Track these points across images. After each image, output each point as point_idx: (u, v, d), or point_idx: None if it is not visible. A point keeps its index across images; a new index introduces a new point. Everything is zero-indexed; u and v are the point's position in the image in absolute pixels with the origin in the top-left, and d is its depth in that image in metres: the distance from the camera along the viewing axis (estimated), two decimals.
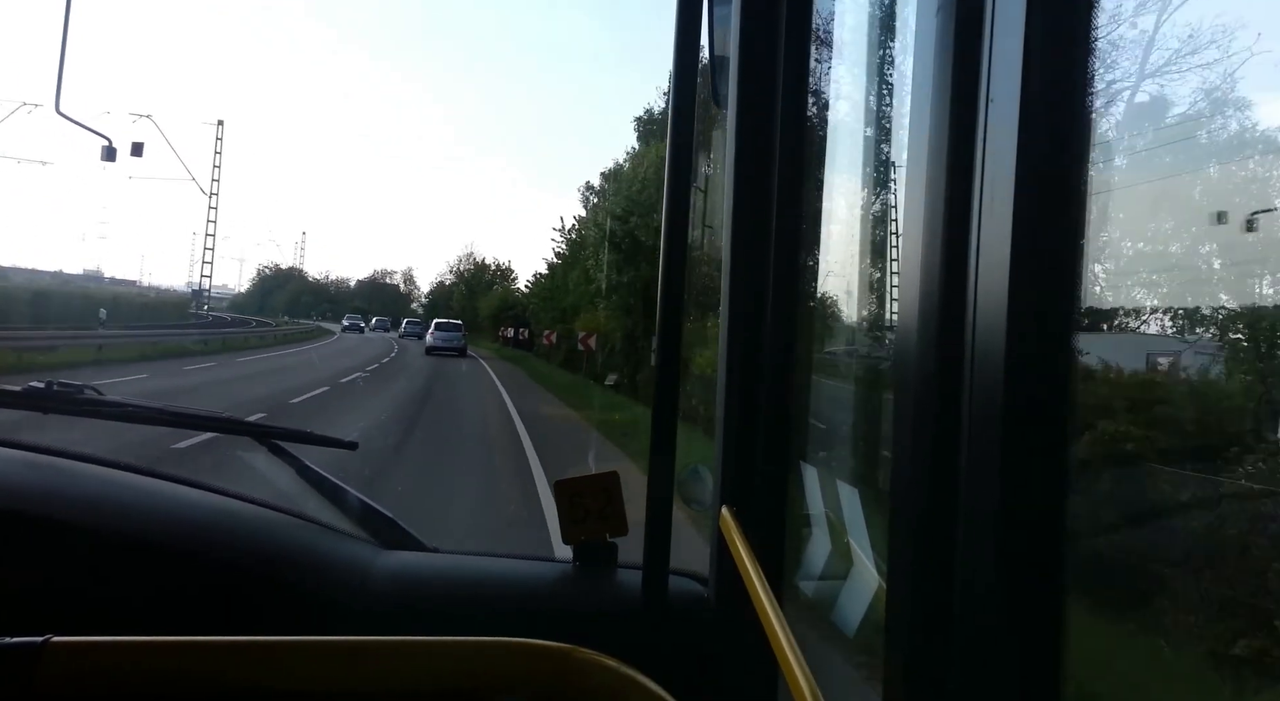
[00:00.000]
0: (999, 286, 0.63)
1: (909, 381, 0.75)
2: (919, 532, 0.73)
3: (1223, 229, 0.84)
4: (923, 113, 0.75)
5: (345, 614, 1.30)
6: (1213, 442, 0.90)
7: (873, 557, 1.31)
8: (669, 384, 1.30)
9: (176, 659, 0.75)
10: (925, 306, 0.73)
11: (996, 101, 0.66)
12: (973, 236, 0.68)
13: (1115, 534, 0.95)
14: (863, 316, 1.73)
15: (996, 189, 0.65)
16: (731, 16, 1.40)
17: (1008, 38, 0.65)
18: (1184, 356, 0.89)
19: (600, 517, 1.41)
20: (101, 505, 1.34)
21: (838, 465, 1.64)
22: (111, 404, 1.60)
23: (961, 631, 0.67)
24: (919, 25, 0.79)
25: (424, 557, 1.49)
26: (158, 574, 1.25)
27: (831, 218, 1.58)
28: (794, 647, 0.86)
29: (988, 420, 0.64)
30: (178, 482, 1.48)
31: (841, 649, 1.33)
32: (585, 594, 1.41)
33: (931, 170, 0.73)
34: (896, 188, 1.36)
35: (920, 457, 0.73)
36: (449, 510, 7.22)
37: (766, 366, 1.35)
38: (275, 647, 0.76)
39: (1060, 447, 0.63)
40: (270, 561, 1.34)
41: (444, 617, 1.34)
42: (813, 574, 1.56)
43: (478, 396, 19.94)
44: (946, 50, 0.72)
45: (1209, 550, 0.88)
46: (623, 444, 11.59)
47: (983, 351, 0.65)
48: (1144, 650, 0.97)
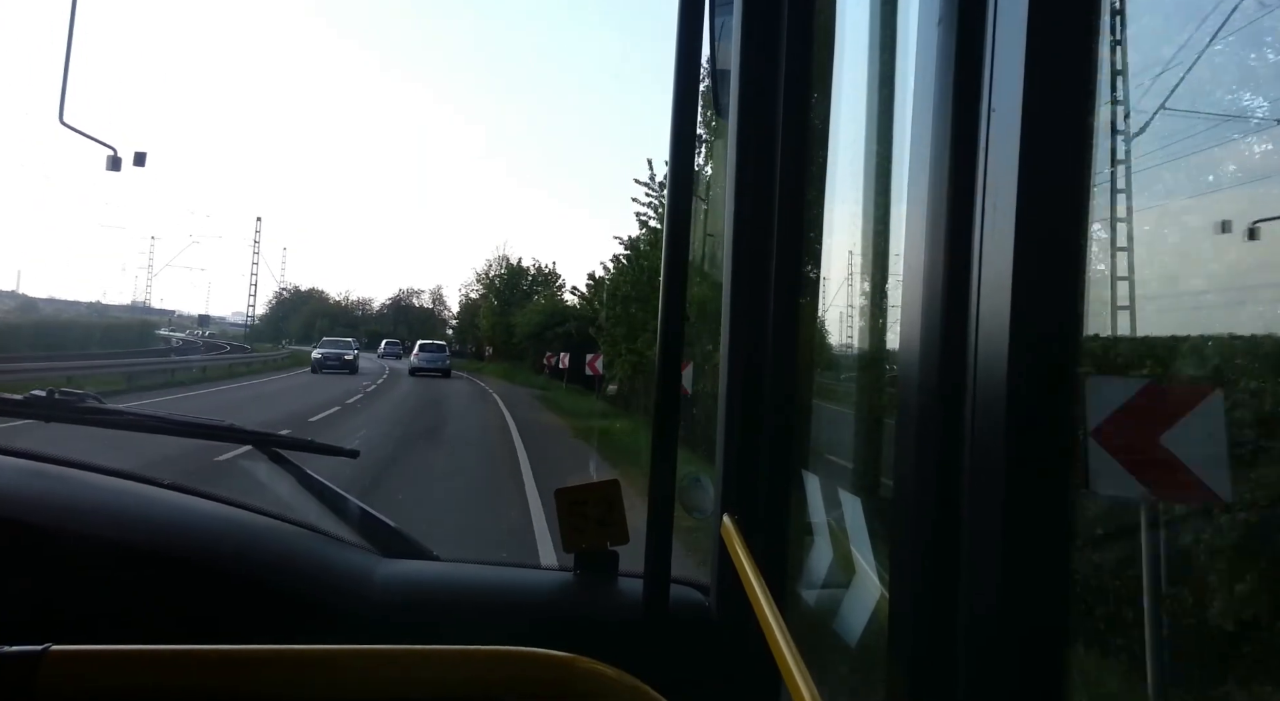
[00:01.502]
0: (1002, 296, 0.63)
1: (912, 390, 0.75)
2: (922, 541, 0.73)
3: (1227, 238, 0.84)
4: (924, 123, 0.75)
5: (346, 622, 1.29)
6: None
7: (875, 566, 1.31)
8: (670, 393, 1.30)
9: (177, 668, 0.74)
10: (928, 315, 0.73)
11: (998, 111, 0.66)
12: (975, 246, 0.68)
13: (1119, 544, 0.95)
14: (865, 325, 1.73)
15: (999, 199, 0.65)
16: (733, 27, 1.41)
17: (1009, 48, 0.65)
18: (1189, 368, 0.89)
19: (601, 526, 1.41)
20: (103, 514, 1.34)
21: (840, 473, 1.63)
22: (113, 413, 1.60)
23: (965, 641, 0.67)
24: (920, 35, 0.79)
25: (425, 566, 1.49)
26: (159, 582, 1.25)
27: (833, 227, 1.58)
28: (796, 657, 0.85)
29: (991, 429, 0.64)
30: (179, 491, 1.48)
31: (844, 658, 1.33)
32: (586, 602, 1.41)
33: (933, 179, 0.73)
34: (898, 197, 1.36)
35: (923, 466, 0.73)
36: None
37: (768, 374, 1.35)
38: (276, 656, 0.76)
39: (1064, 457, 0.63)
40: (271, 569, 1.34)
41: (445, 626, 1.33)
42: (815, 582, 1.55)
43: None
44: (948, 61, 0.72)
45: (1215, 562, 0.88)
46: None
47: (985, 360, 0.65)
48: (1147, 662, 0.97)
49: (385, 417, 18.04)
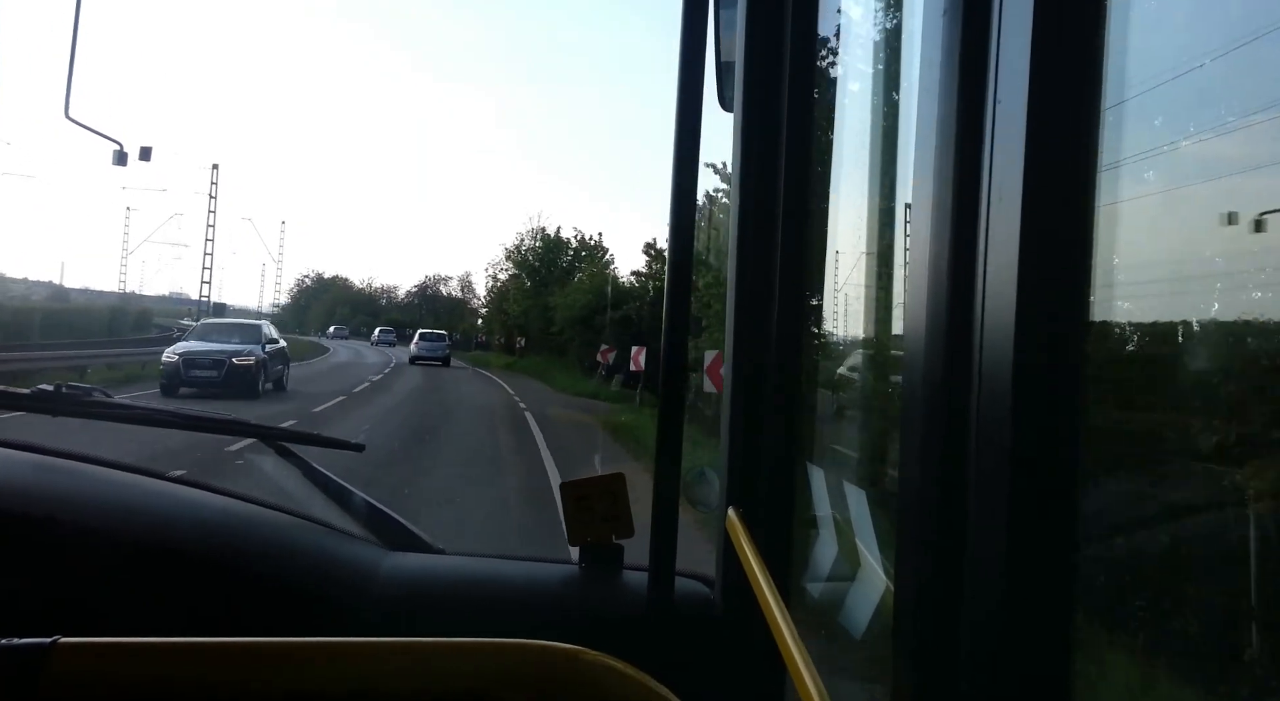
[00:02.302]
0: (1008, 290, 0.63)
1: (917, 383, 0.75)
2: (927, 534, 0.72)
3: (1233, 230, 0.83)
4: (930, 115, 0.75)
5: (352, 615, 1.30)
6: (1226, 447, 0.90)
7: (880, 559, 1.31)
8: (675, 387, 1.30)
9: (183, 660, 0.75)
10: (934, 308, 0.73)
11: (1004, 103, 0.66)
12: (981, 238, 0.68)
13: (1125, 537, 0.95)
14: (870, 319, 1.73)
15: (1005, 191, 0.64)
16: (737, 21, 1.41)
17: (1015, 39, 0.65)
18: (1196, 361, 0.89)
19: (606, 519, 1.41)
20: (108, 507, 1.35)
21: (845, 466, 1.63)
22: (119, 406, 1.60)
23: (970, 634, 0.67)
24: (925, 28, 0.79)
25: (430, 559, 1.49)
26: (165, 575, 1.26)
27: (838, 219, 1.58)
28: (801, 650, 0.86)
29: (996, 422, 0.64)
30: (184, 484, 1.49)
31: (849, 651, 1.33)
32: (591, 596, 1.41)
33: (939, 172, 0.73)
34: (904, 190, 1.36)
35: (929, 459, 0.73)
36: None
37: (773, 367, 1.35)
38: (282, 649, 0.76)
39: (1069, 449, 0.63)
40: (276, 562, 1.34)
41: (450, 619, 1.34)
42: (820, 576, 1.55)
43: None
44: (953, 53, 0.72)
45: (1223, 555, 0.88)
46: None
47: (991, 354, 0.65)
48: (1153, 655, 0.97)
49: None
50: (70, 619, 0.99)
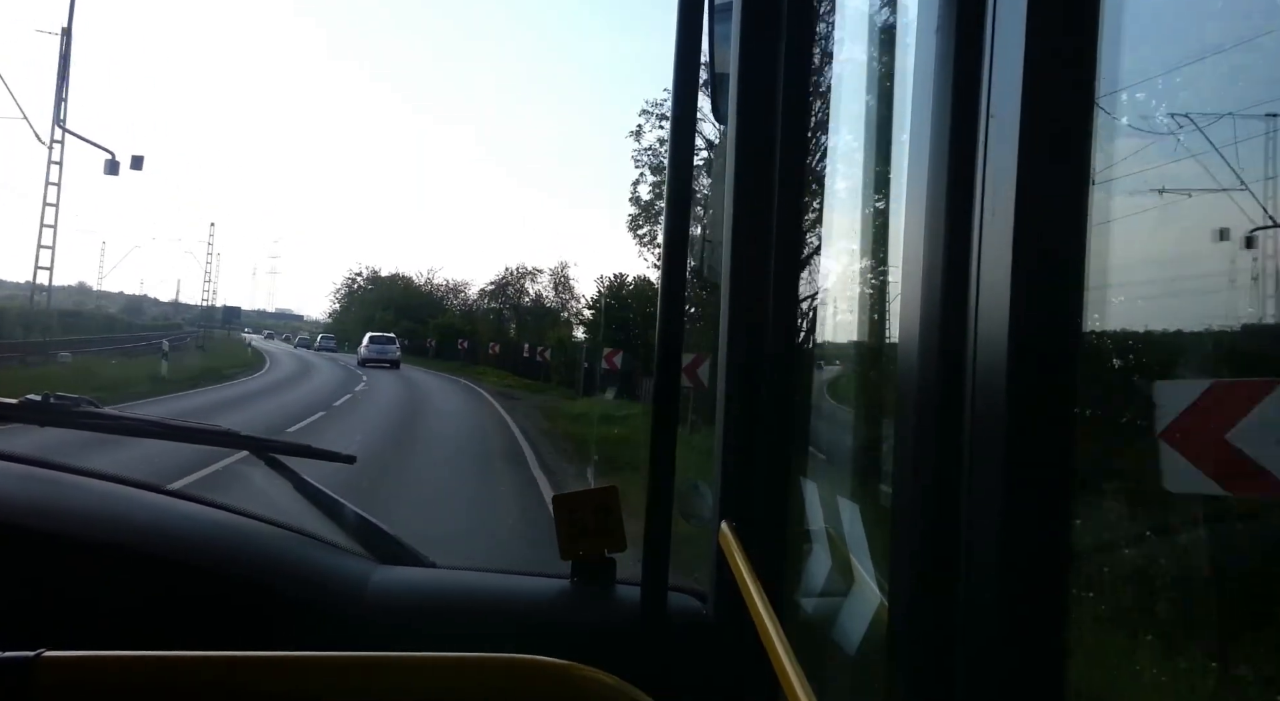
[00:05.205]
0: (1000, 303, 0.63)
1: (911, 396, 0.74)
2: (921, 548, 0.72)
3: (1225, 245, 0.84)
4: (923, 129, 0.75)
5: (342, 629, 1.29)
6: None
7: (874, 574, 1.30)
8: (667, 399, 1.30)
9: (170, 673, 0.74)
10: (927, 323, 0.73)
11: (997, 118, 0.66)
12: (974, 252, 0.68)
13: (1121, 552, 0.95)
14: (864, 332, 1.73)
15: (997, 205, 0.64)
16: (732, 33, 1.41)
17: (1008, 53, 0.65)
18: (1186, 372, 0.89)
19: (598, 533, 1.40)
20: (97, 519, 1.34)
21: (838, 480, 1.63)
22: (109, 417, 1.59)
23: (964, 648, 0.66)
24: (919, 42, 0.79)
25: (421, 573, 1.48)
26: (153, 588, 1.25)
27: (832, 233, 1.58)
28: (794, 664, 0.85)
29: (990, 436, 0.64)
30: (174, 497, 1.48)
31: (842, 666, 1.32)
32: (583, 610, 1.40)
33: (932, 186, 0.73)
34: (897, 204, 1.37)
35: (922, 473, 0.73)
36: None
37: (766, 380, 1.34)
38: (271, 662, 0.76)
39: (1063, 463, 0.63)
40: (266, 575, 1.33)
41: (441, 633, 1.33)
42: (813, 590, 1.55)
43: None
44: (946, 67, 0.72)
45: (1217, 564, 0.88)
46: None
47: (984, 368, 0.65)
48: (1149, 668, 0.97)
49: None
50: (57, 631, 0.98)
